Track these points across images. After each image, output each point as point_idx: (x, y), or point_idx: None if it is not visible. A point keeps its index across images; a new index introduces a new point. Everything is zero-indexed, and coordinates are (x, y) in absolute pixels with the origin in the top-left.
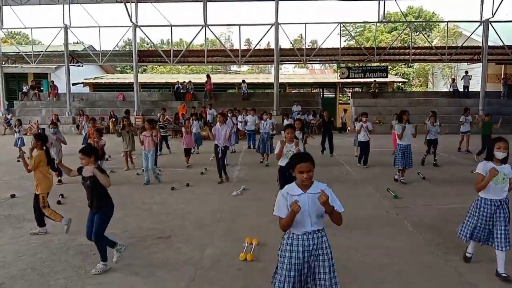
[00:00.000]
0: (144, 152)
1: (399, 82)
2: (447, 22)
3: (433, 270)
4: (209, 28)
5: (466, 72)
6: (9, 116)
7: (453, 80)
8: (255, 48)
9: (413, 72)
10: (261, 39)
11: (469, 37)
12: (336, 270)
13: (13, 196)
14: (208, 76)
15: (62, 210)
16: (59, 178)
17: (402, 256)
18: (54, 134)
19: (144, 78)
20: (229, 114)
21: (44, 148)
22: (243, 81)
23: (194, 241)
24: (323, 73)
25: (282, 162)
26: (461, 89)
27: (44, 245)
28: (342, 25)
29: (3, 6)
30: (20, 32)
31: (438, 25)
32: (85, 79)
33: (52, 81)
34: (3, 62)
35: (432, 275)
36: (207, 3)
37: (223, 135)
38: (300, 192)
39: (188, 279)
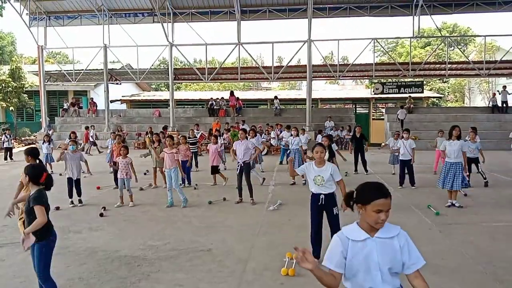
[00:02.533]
0: (166, 170)
1: (434, 97)
2: (485, 36)
3: None
4: (243, 46)
5: (504, 87)
6: (50, 132)
7: (494, 94)
8: (287, 65)
9: (448, 88)
10: (293, 56)
11: (508, 51)
12: None
13: (57, 208)
14: (231, 93)
15: (104, 223)
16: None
17: (450, 274)
18: (73, 152)
19: (178, 95)
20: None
21: (37, 161)
22: (276, 97)
23: (235, 255)
24: (355, 89)
25: (311, 187)
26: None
27: (90, 256)
28: (374, 41)
29: (46, 27)
30: (60, 52)
31: (474, 40)
32: (122, 96)
33: (92, 98)
34: (46, 80)
35: None
36: (241, 21)
37: (242, 151)
38: (365, 237)
39: None
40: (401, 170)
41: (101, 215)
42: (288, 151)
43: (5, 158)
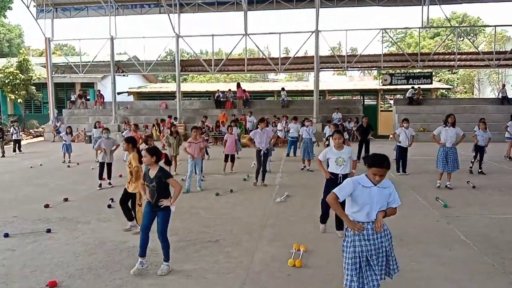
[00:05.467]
0: (191, 160)
1: (443, 89)
2: (495, 26)
3: (491, 280)
4: (249, 37)
5: None
6: (58, 124)
7: (503, 86)
8: (294, 56)
9: (457, 79)
10: (301, 47)
11: None
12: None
13: (66, 199)
14: (238, 85)
15: (112, 214)
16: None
17: (457, 265)
18: (107, 139)
19: (185, 87)
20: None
21: (135, 149)
22: (283, 88)
23: (242, 246)
24: (363, 80)
25: (331, 168)
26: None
27: (99, 246)
28: (383, 31)
29: (53, 19)
30: (67, 44)
31: (484, 30)
32: (129, 88)
33: (99, 90)
34: (53, 72)
35: (490, 285)
36: (248, 12)
37: (264, 139)
38: (371, 185)
39: (240, 282)
40: (398, 156)
41: (109, 206)
42: (298, 142)
43: (14, 150)
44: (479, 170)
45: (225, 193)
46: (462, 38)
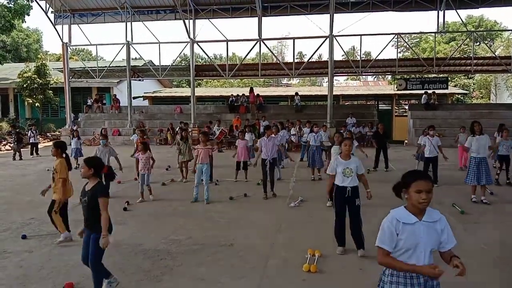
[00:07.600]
0: (199, 165)
1: (459, 94)
2: None
3: None
4: (264, 43)
5: None
6: (75, 128)
7: None
8: (308, 61)
9: (473, 84)
10: (315, 52)
11: None
12: None
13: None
14: (251, 90)
15: (128, 216)
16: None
17: (477, 272)
18: (104, 146)
19: (199, 91)
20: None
21: (64, 155)
22: (296, 93)
23: (256, 250)
24: (377, 85)
25: (338, 180)
26: None
27: (114, 249)
28: (398, 36)
29: (71, 25)
30: (84, 49)
31: (501, 35)
32: (144, 93)
33: (115, 95)
34: (70, 77)
35: None
36: (262, 18)
37: (270, 148)
38: (415, 220)
39: (254, 287)
40: (425, 166)
41: (125, 209)
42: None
43: (31, 153)
44: (507, 181)
45: (238, 197)
46: (478, 43)
